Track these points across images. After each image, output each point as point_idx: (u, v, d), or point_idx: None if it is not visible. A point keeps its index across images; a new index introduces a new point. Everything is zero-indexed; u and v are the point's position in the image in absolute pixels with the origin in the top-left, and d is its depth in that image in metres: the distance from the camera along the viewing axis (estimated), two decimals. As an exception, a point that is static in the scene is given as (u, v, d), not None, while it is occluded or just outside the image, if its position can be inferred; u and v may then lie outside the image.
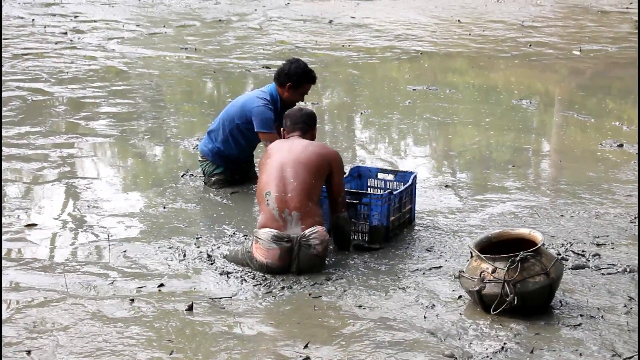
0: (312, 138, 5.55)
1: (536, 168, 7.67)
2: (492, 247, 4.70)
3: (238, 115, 6.52)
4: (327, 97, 10.44)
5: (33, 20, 15.29)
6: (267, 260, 5.03)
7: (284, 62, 6.60)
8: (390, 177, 6.09)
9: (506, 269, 4.39)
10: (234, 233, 5.75)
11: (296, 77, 6.39)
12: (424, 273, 5.08)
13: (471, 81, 11.70)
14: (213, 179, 6.72)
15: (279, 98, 6.48)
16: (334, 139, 8.45)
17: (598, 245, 5.51)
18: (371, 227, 5.54)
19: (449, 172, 7.43)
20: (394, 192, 5.66)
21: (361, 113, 9.68)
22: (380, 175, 6.12)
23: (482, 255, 4.52)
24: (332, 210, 5.42)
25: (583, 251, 5.38)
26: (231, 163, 6.72)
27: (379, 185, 6.11)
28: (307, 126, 5.52)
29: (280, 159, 5.23)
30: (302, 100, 6.66)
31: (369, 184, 6.15)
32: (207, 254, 5.32)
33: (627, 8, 17.70)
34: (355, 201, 5.56)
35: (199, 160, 6.82)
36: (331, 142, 8.08)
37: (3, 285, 4.77)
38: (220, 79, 11.52)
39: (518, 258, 4.40)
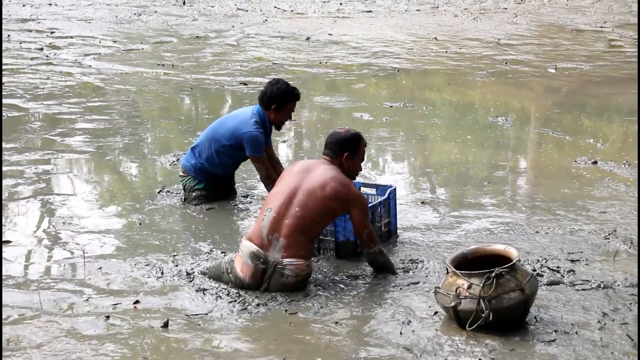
0: (342, 165, 5.22)
1: (512, 185, 7.71)
2: (467, 263, 4.72)
3: (227, 137, 6.49)
4: (304, 114, 10.45)
5: (9, 35, 15.21)
6: (241, 273, 5.02)
7: (265, 84, 6.60)
8: (372, 191, 6.12)
9: (482, 285, 4.41)
10: (210, 250, 5.74)
11: (278, 99, 6.40)
12: (400, 289, 5.09)
13: (448, 98, 11.77)
14: (194, 194, 6.68)
15: (267, 119, 6.49)
16: (312, 156, 8.46)
17: (572, 261, 5.54)
18: (337, 243, 5.58)
19: (426, 188, 7.45)
20: None
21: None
22: (362, 190, 6.15)
23: (457, 272, 4.53)
24: (360, 248, 5.36)
25: (558, 267, 5.41)
26: (213, 179, 6.70)
27: None
28: (333, 152, 5.23)
29: (298, 180, 5.09)
30: (291, 119, 6.66)
31: None
32: (187, 272, 5.28)
33: (601, 27, 17.90)
34: None
35: (180, 176, 6.78)
36: (309, 159, 8.08)
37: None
38: (197, 96, 11.51)
39: (493, 274, 4.42)
